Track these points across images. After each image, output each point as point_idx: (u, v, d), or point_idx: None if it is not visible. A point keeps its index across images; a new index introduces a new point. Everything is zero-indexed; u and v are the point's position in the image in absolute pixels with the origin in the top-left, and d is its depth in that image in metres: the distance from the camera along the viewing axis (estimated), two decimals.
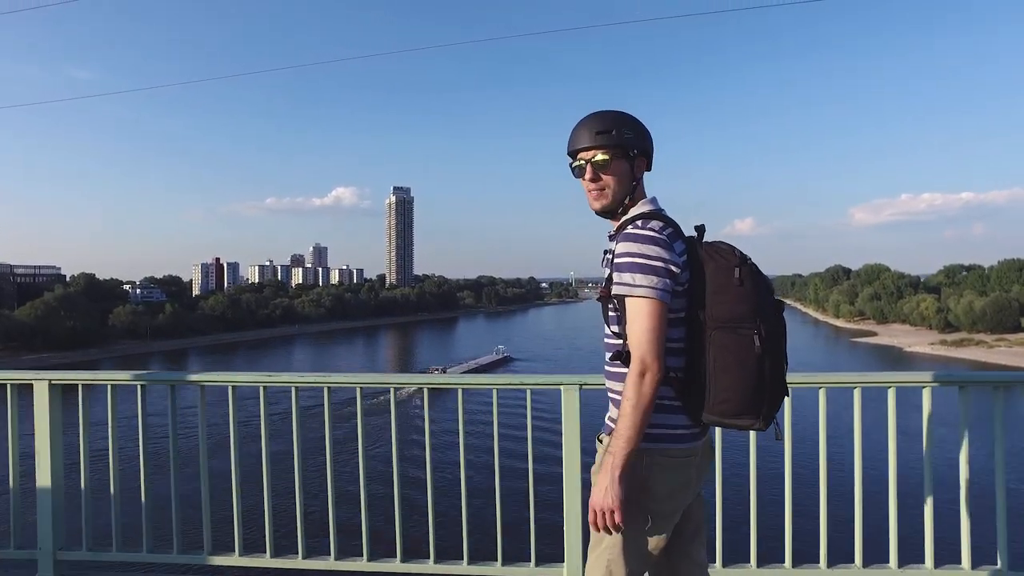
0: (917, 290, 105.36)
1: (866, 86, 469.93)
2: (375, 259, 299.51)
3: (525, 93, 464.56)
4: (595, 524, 1.72)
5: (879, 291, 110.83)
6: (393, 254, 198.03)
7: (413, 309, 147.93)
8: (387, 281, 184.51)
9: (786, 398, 1.75)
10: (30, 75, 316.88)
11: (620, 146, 1.80)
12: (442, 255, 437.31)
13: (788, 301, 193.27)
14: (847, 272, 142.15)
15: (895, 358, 76.31)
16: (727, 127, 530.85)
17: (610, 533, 1.73)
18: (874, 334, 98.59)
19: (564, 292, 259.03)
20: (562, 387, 2.89)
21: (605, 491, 1.68)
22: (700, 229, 1.79)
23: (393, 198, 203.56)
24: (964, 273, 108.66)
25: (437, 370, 60.73)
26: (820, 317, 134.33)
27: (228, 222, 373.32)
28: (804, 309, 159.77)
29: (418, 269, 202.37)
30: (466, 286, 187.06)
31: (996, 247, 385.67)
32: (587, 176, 1.83)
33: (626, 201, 1.83)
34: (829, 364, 70.08)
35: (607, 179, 1.82)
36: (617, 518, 1.68)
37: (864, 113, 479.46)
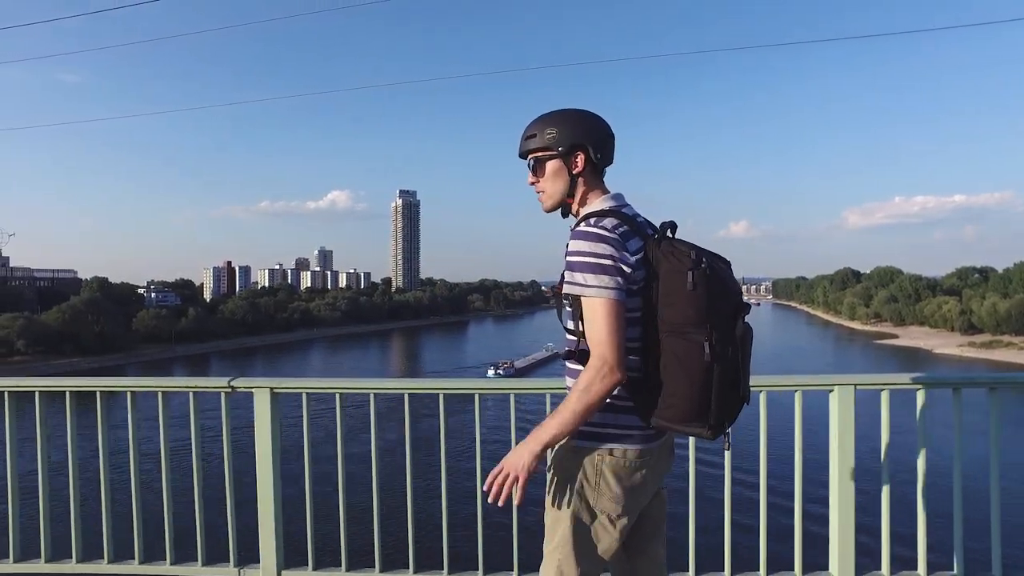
0: (935, 292, 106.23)
1: (859, 88, 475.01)
2: (376, 262, 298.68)
3: (523, 94, 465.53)
4: (490, 484, 1.68)
5: (896, 293, 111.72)
6: (399, 257, 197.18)
7: (425, 312, 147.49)
8: (393, 284, 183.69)
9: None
10: (16, 78, 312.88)
11: (544, 148, 1.81)
12: (443, 259, 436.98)
13: (794, 304, 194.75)
14: (857, 275, 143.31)
15: (924, 360, 76.83)
16: (722, 129, 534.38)
17: (498, 502, 1.69)
18: (895, 336, 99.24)
19: None
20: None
21: (520, 457, 1.66)
22: (666, 226, 1.74)
23: (399, 201, 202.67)
24: (976, 275, 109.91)
25: (506, 364, 65.54)
26: (832, 319, 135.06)
27: (221, 225, 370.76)
28: (812, 311, 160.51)
29: (422, 273, 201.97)
30: (473, 290, 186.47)
31: (987, 248, 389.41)
32: (528, 181, 1.88)
33: (573, 198, 1.84)
34: (862, 367, 70.48)
35: (541, 182, 1.85)
36: (519, 490, 1.67)
37: (857, 115, 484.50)
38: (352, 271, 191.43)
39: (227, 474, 2.97)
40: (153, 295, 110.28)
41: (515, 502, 1.79)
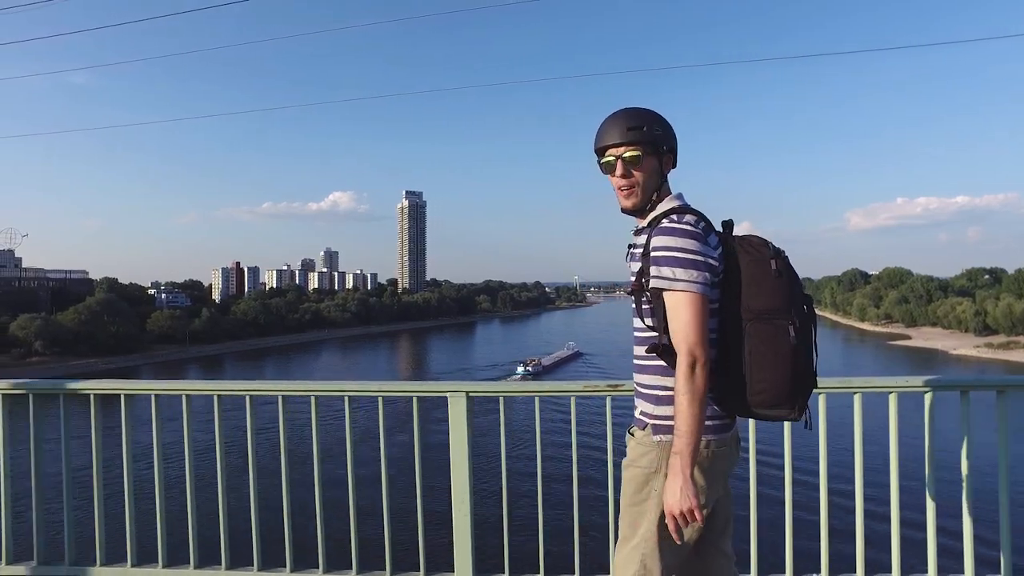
0: (947, 293, 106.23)
1: (863, 89, 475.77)
2: (381, 263, 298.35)
3: (525, 96, 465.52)
4: (676, 531, 1.70)
5: (907, 294, 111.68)
6: (406, 258, 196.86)
7: (434, 314, 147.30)
8: (399, 285, 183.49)
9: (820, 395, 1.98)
10: (23, 79, 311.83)
11: (651, 142, 1.80)
12: (447, 260, 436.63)
13: None
14: (865, 276, 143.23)
15: (944, 362, 76.82)
16: (724, 130, 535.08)
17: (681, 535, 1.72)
18: (908, 337, 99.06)
19: (572, 297, 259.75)
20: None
21: (680, 492, 1.66)
22: (727, 224, 1.82)
23: (405, 202, 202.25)
24: (987, 276, 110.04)
25: (534, 361, 67.16)
26: (842, 320, 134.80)
27: (224, 226, 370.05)
28: (820, 313, 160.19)
29: (427, 274, 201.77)
30: (479, 290, 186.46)
31: (991, 250, 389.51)
32: (618, 172, 1.83)
33: (654, 197, 1.85)
34: (880, 369, 70.42)
35: (638, 175, 1.81)
36: (698, 517, 1.66)
37: (858, 116, 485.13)
38: (359, 272, 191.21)
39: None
40: (163, 296, 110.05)
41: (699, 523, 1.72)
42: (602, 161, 1.86)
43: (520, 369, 62.23)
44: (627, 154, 1.80)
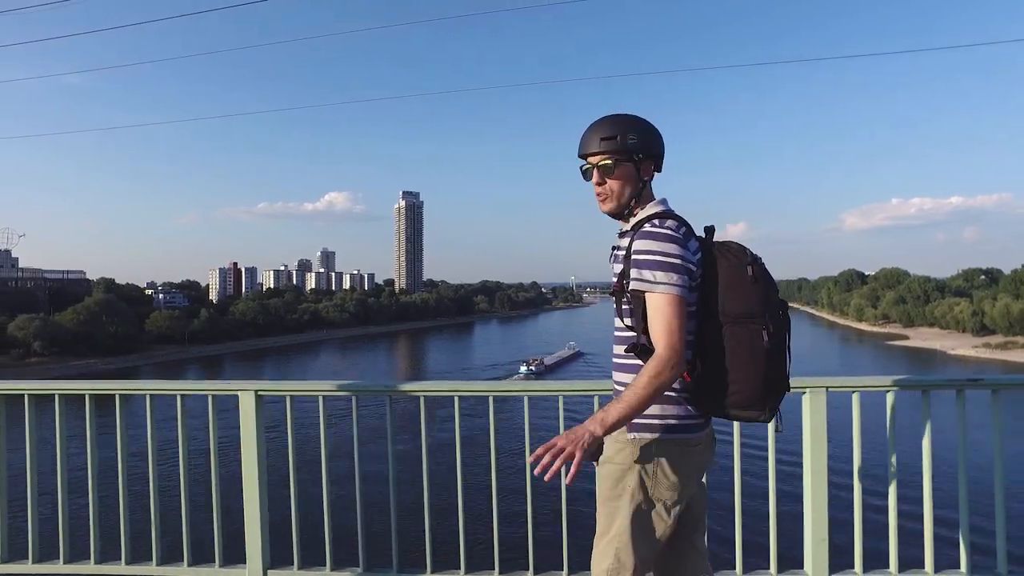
0: (944, 294, 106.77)
1: (860, 90, 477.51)
2: (378, 263, 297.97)
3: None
4: (538, 456, 1.63)
5: (904, 295, 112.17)
6: (402, 259, 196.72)
7: (432, 314, 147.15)
8: (396, 286, 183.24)
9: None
10: (19, 79, 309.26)
11: (624, 151, 1.86)
12: (444, 260, 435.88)
13: (796, 305, 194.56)
14: (862, 276, 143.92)
15: (942, 362, 77.15)
16: (721, 131, 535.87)
17: (545, 476, 1.63)
18: (905, 338, 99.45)
19: (570, 297, 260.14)
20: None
21: (575, 436, 1.65)
22: (709, 230, 1.89)
23: (403, 203, 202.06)
24: (983, 277, 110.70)
25: (537, 361, 67.07)
26: (839, 321, 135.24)
27: (221, 227, 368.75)
28: (817, 313, 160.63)
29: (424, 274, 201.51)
30: (476, 291, 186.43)
31: (987, 251, 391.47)
32: (593, 180, 1.92)
33: (633, 203, 1.91)
34: (882, 369, 70.77)
35: (612, 183, 1.89)
36: (573, 467, 1.66)
37: (855, 117, 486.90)
38: (356, 272, 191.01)
39: (213, 475, 3.01)
40: (161, 296, 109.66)
41: (566, 480, 1.71)
42: (583, 168, 1.95)
43: (523, 368, 62.36)
44: (601, 162, 1.88)
